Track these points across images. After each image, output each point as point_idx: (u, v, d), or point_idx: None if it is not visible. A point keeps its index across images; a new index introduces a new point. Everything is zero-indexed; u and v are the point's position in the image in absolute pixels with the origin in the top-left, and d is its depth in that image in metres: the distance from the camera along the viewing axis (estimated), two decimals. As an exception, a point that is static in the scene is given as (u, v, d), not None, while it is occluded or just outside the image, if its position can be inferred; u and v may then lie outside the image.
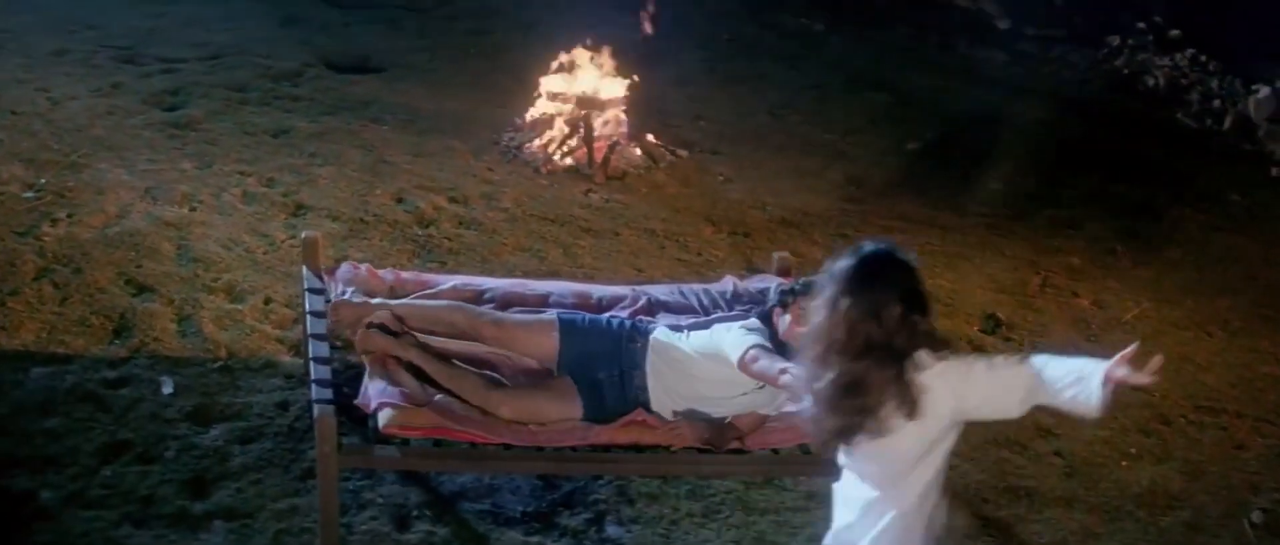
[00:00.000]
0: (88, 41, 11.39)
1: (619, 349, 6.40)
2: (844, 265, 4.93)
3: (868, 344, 4.85)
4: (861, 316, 4.85)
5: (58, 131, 9.65)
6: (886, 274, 4.96)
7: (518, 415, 6.20)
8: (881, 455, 5.07)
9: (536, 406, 6.26)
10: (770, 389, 6.26)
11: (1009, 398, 4.96)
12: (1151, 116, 13.65)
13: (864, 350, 4.86)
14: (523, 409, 6.23)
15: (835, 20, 15.55)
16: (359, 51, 12.30)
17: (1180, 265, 10.21)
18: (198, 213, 8.82)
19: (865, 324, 4.85)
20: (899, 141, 12.04)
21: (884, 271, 4.96)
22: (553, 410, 6.26)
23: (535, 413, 6.24)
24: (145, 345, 7.40)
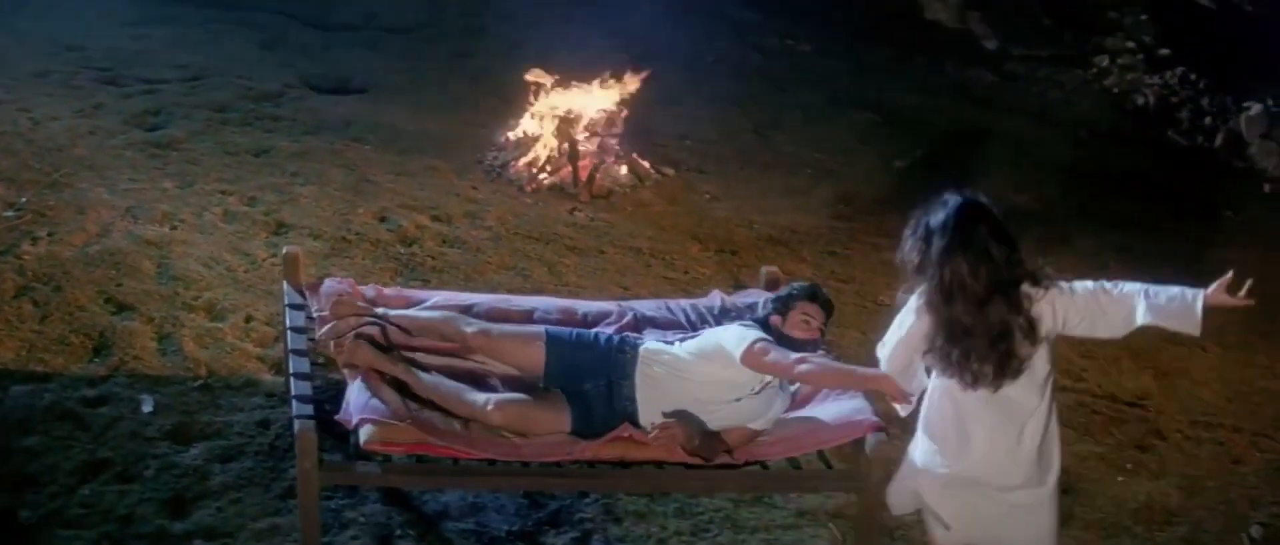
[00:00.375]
0: (69, 63, 11.26)
1: (607, 360, 6.31)
2: (941, 219, 5.36)
3: (993, 284, 5.33)
4: (979, 259, 5.31)
5: (39, 151, 9.53)
6: (985, 217, 5.44)
7: (507, 420, 6.12)
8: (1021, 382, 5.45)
9: (526, 413, 6.17)
10: (766, 394, 6.18)
11: (1112, 320, 5.60)
12: (1142, 134, 13.60)
13: (991, 291, 5.32)
14: (512, 414, 6.14)
15: (821, 41, 15.46)
16: (340, 73, 12.19)
17: (1174, 280, 10.05)
18: (178, 231, 8.71)
19: (986, 266, 5.32)
20: (887, 159, 11.96)
21: (982, 215, 5.44)
22: (542, 419, 6.18)
23: (525, 420, 6.16)
24: (125, 363, 7.30)
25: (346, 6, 14.00)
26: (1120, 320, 5.62)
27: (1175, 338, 9.19)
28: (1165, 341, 9.16)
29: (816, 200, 10.86)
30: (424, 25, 13.97)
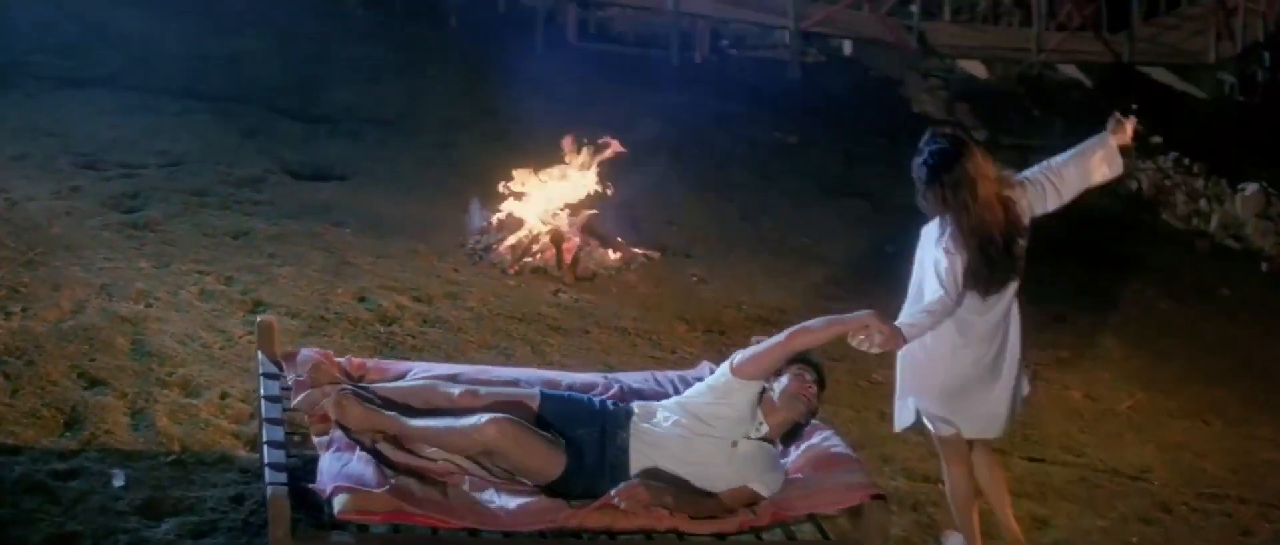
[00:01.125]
0: (48, 147, 11.11)
1: (601, 413, 6.19)
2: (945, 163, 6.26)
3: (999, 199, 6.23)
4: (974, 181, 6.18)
5: (15, 229, 9.33)
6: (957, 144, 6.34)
7: (501, 437, 5.96)
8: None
9: (522, 435, 6.00)
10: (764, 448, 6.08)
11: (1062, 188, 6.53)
12: (1136, 218, 13.49)
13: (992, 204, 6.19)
14: (509, 433, 5.97)
15: (808, 133, 15.40)
16: (321, 161, 12.07)
17: (1173, 356, 9.96)
18: (154, 309, 8.48)
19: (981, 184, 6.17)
20: (877, 244, 11.80)
21: (956, 146, 6.33)
22: (536, 448, 6.01)
23: (520, 443, 5.98)
24: (96, 438, 7.03)
25: (326, 99, 13.93)
26: (1069, 185, 6.57)
27: (1175, 412, 9.13)
28: (1167, 414, 9.02)
29: (805, 282, 10.69)
30: (405, 117, 13.90)
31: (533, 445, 6.07)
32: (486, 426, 6.01)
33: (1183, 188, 13.81)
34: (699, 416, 6.15)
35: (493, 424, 6.02)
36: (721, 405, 6.13)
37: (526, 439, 6.06)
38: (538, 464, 6.01)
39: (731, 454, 6.03)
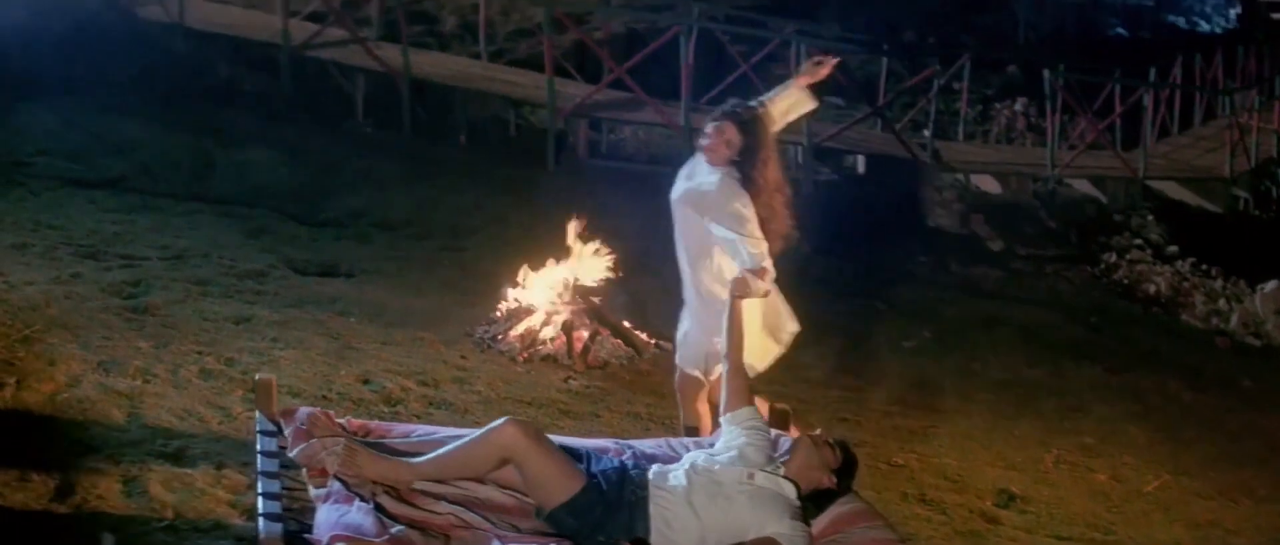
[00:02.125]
0: (49, 239, 10.95)
1: (619, 465, 5.98)
2: (741, 111, 6.84)
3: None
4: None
5: (11, 309, 9.12)
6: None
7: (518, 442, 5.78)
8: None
9: (541, 445, 5.81)
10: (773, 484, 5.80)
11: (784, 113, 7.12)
12: (1155, 319, 13.27)
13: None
14: (530, 435, 5.81)
15: (821, 242, 15.20)
16: (327, 259, 11.90)
17: (1197, 443, 9.71)
18: (152, 385, 8.25)
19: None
20: (895, 341, 11.61)
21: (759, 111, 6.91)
22: (554, 461, 5.80)
23: (539, 453, 5.78)
24: (88, 502, 6.77)
25: (334, 205, 13.79)
26: (779, 114, 7.08)
27: (1203, 492, 8.86)
28: (1194, 495, 8.76)
29: (822, 373, 10.46)
30: (412, 223, 13.77)
31: (553, 454, 5.86)
32: (505, 427, 5.82)
33: (1201, 289, 13.66)
34: (713, 465, 5.90)
35: (512, 424, 5.82)
36: (730, 451, 5.94)
37: (547, 446, 5.85)
38: (556, 475, 5.76)
39: (751, 490, 5.76)
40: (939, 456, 8.83)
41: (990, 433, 9.46)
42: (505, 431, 5.80)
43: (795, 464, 5.94)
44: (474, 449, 5.88)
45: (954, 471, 8.65)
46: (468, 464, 5.89)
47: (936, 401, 10.02)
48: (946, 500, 8.16)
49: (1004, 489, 8.45)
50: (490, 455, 5.86)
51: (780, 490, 5.82)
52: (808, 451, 5.96)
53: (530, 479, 5.83)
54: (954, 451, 9.02)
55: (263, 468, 6.03)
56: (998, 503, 8.31)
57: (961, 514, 8.03)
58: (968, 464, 8.84)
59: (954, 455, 8.96)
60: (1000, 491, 8.42)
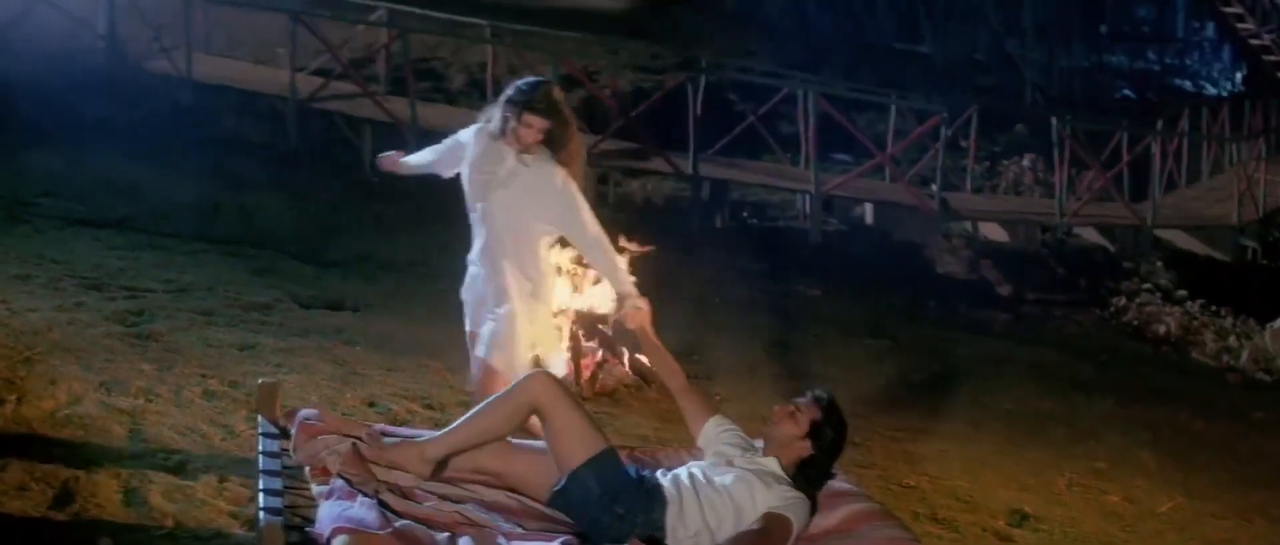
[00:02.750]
0: (53, 272, 10.88)
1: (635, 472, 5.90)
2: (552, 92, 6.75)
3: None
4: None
5: (12, 333, 9.05)
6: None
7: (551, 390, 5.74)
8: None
9: (572, 400, 5.79)
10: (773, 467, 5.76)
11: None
12: (1165, 358, 13.18)
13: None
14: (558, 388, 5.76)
15: (831, 288, 15.17)
16: (333, 296, 11.84)
17: (1209, 468, 9.64)
18: (154, 404, 8.16)
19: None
20: (903, 376, 11.52)
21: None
22: (582, 420, 5.75)
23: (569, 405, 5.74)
24: (86, 511, 6.68)
25: (340, 247, 13.76)
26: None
27: (1217, 513, 8.76)
28: (1208, 515, 8.66)
29: (834, 403, 10.34)
30: (418, 264, 13.73)
31: (581, 412, 5.80)
32: (535, 376, 5.79)
33: (1211, 328, 13.59)
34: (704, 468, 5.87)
35: (542, 375, 5.78)
36: (714, 457, 5.96)
37: (577, 404, 5.81)
38: (583, 430, 5.71)
39: (737, 474, 5.72)
40: (950, 479, 8.73)
41: (1001, 457, 9.36)
42: (535, 381, 5.76)
43: (771, 443, 5.88)
44: (501, 405, 5.82)
45: (965, 493, 8.54)
46: (496, 421, 5.82)
47: (947, 429, 9.92)
48: (959, 519, 8.05)
49: (1016, 509, 8.34)
50: (520, 407, 5.79)
51: (763, 467, 5.76)
52: (775, 427, 5.90)
53: (556, 432, 5.73)
54: (965, 474, 8.91)
55: (264, 467, 5.94)
56: (1010, 522, 8.19)
57: (974, 532, 7.92)
58: (979, 486, 8.74)
59: (965, 478, 8.86)
60: (1013, 511, 8.31)
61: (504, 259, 7.01)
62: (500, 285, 7.06)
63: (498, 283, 7.08)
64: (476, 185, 6.96)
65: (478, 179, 6.94)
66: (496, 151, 6.83)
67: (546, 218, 6.83)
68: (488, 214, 6.98)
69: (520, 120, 6.65)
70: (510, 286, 7.03)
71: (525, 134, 6.68)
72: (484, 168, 6.90)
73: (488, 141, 6.85)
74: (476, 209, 7.05)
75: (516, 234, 6.93)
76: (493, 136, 6.81)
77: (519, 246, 6.95)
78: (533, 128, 6.66)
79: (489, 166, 6.89)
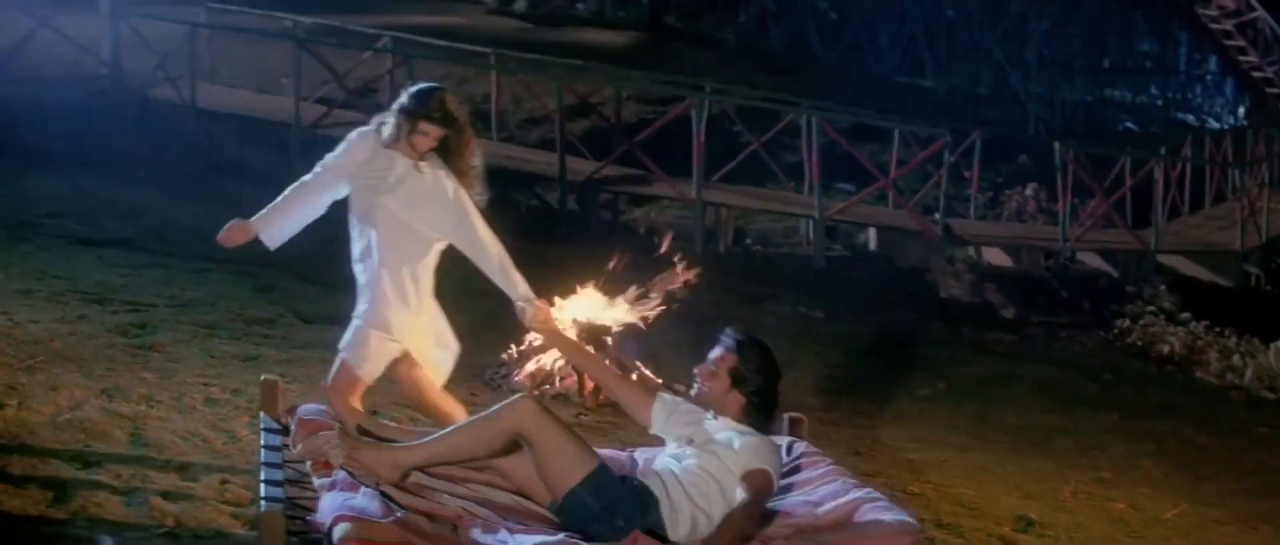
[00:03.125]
0: (56, 287, 10.88)
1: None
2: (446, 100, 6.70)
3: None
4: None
5: (14, 342, 9.07)
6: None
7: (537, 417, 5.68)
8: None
9: (560, 425, 5.75)
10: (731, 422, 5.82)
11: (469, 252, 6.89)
12: (1169, 377, 13.15)
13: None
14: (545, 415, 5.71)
15: (835, 311, 15.13)
16: (336, 313, 11.73)
17: (1214, 478, 9.63)
18: (156, 409, 8.16)
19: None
20: (907, 391, 11.48)
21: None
22: (571, 442, 5.71)
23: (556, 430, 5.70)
24: (86, 509, 6.66)
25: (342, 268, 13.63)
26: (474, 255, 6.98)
27: (1222, 519, 8.73)
28: (1212, 522, 8.63)
29: (836, 414, 10.35)
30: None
31: (568, 431, 5.78)
32: (521, 402, 5.72)
33: (1215, 347, 13.59)
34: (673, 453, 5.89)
35: (528, 400, 5.72)
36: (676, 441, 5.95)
37: (562, 426, 5.77)
38: (572, 452, 5.67)
39: (711, 449, 5.72)
40: (955, 487, 8.70)
41: (1005, 466, 9.32)
42: (520, 407, 5.70)
43: (710, 406, 5.91)
44: (485, 426, 5.77)
45: (970, 500, 8.51)
46: (477, 443, 5.78)
47: (950, 440, 9.89)
48: (964, 525, 8.02)
49: (1022, 515, 8.30)
50: (502, 432, 5.74)
51: (718, 433, 5.79)
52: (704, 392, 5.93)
53: (544, 458, 5.70)
54: (969, 483, 8.88)
55: (266, 460, 5.93)
56: (1016, 528, 8.15)
57: (980, 538, 7.89)
58: (984, 493, 8.70)
59: (970, 486, 8.82)
60: (1018, 517, 8.27)
61: (383, 267, 6.93)
62: (375, 289, 7.02)
63: (373, 286, 7.03)
64: (364, 190, 6.82)
65: (365, 184, 6.80)
66: (386, 158, 6.74)
67: (436, 226, 6.79)
68: (372, 219, 6.85)
69: (415, 129, 6.61)
70: (386, 291, 6.98)
71: (420, 142, 6.64)
72: (372, 173, 6.78)
73: (377, 147, 6.75)
74: (360, 214, 6.90)
75: (401, 240, 6.85)
76: (385, 144, 6.71)
77: (402, 253, 6.88)
78: (428, 136, 6.63)
79: (378, 172, 6.77)
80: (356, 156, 6.80)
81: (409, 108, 6.66)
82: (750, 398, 5.84)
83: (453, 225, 6.77)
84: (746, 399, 5.83)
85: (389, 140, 6.69)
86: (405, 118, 6.63)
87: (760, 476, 5.63)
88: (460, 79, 24.19)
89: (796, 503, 6.20)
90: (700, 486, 5.65)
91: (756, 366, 5.87)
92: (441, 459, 5.77)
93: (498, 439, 5.75)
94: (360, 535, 5.25)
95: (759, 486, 5.62)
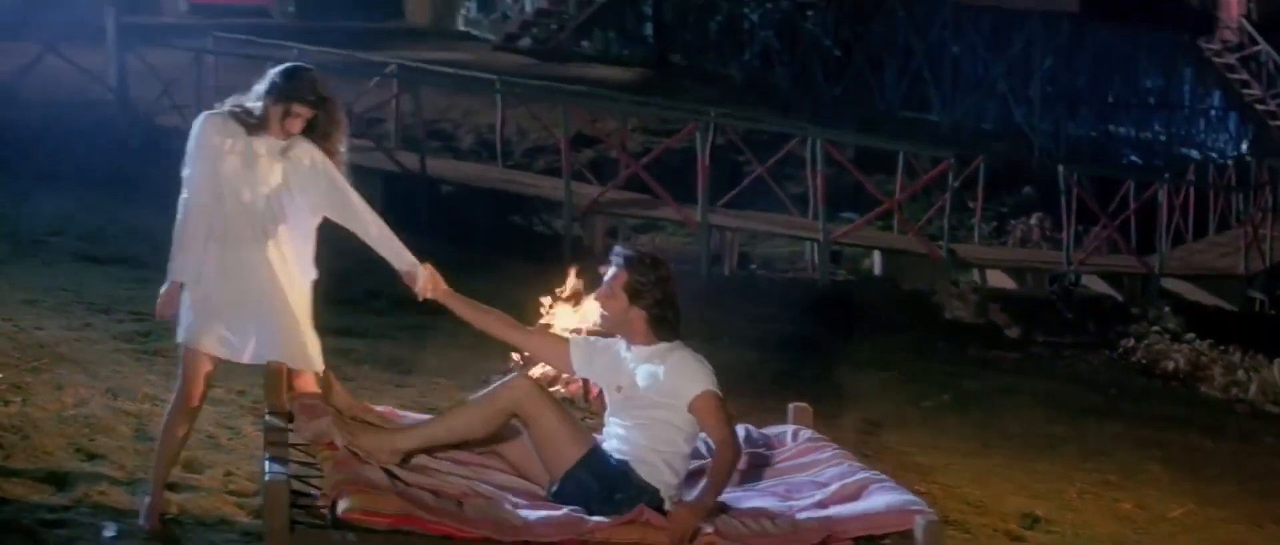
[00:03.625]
0: (62, 298, 10.93)
1: None
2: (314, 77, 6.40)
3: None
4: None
5: (20, 346, 9.09)
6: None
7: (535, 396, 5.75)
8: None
9: (557, 404, 5.81)
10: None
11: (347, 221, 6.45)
12: (1173, 392, 13.16)
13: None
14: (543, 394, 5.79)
15: (839, 330, 15.14)
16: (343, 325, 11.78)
17: (1219, 480, 9.65)
18: (160, 408, 8.08)
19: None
20: (911, 401, 11.49)
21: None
22: (567, 424, 5.76)
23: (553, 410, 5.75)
24: (89, 497, 6.67)
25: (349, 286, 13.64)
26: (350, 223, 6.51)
27: (1228, 519, 8.73)
28: (1219, 521, 8.64)
29: (842, 423, 10.32)
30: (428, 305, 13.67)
31: (563, 413, 5.81)
32: (519, 381, 5.73)
33: (1220, 362, 13.60)
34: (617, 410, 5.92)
35: (525, 378, 5.74)
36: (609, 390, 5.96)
37: (558, 406, 5.80)
38: (569, 432, 5.71)
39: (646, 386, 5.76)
40: (961, 487, 8.70)
41: (1011, 469, 9.33)
42: (517, 386, 5.72)
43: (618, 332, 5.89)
44: (483, 407, 5.79)
45: (976, 499, 8.51)
46: (474, 423, 5.80)
47: (956, 446, 9.91)
48: (970, 522, 8.02)
49: (1028, 513, 8.30)
50: (500, 412, 5.76)
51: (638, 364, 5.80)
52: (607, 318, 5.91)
53: (543, 438, 5.72)
54: (975, 484, 8.88)
55: (270, 439, 5.93)
56: (1022, 524, 8.16)
57: (986, 533, 7.89)
58: (990, 493, 8.70)
59: (976, 487, 8.82)
60: (1024, 515, 8.27)
61: (261, 250, 6.48)
62: (261, 279, 6.52)
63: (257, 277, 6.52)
64: (231, 175, 6.39)
65: (232, 169, 6.40)
66: (250, 141, 6.41)
67: (315, 204, 6.47)
68: (243, 207, 6.43)
69: (289, 110, 6.35)
70: (276, 277, 6.53)
71: (292, 124, 6.37)
72: (238, 156, 6.41)
73: (235, 130, 6.39)
74: (230, 197, 6.41)
75: (281, 223, 6.48)
76: (251, 128, 6.38)
77: (286, 234, 6.52)
78: (299, 117, 6.37)
79: (244, 155, 6.41)
80: (215, 142, 6.40)
81: (281, 89, 6.37)
82: (651, 311, 5.77)
83: (330, 200, 6.47)
84: (648, 313, 5.77)
85: (257, 122, 6.35)
86: (276, 98, 6.34)
87: (706, 401, 5.70)
88: (466, 110, 24.33)
89: (804, 483, 6.23)
90: (656, 431, 5.73)
91: (651, 278, 5.79)
92: (439, 441, 5.79)
93: (495, 419, 5.76)
94: (364, 506, 5.28)
95: (713, 413, 5.72)
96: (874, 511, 5.84)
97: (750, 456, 6.50)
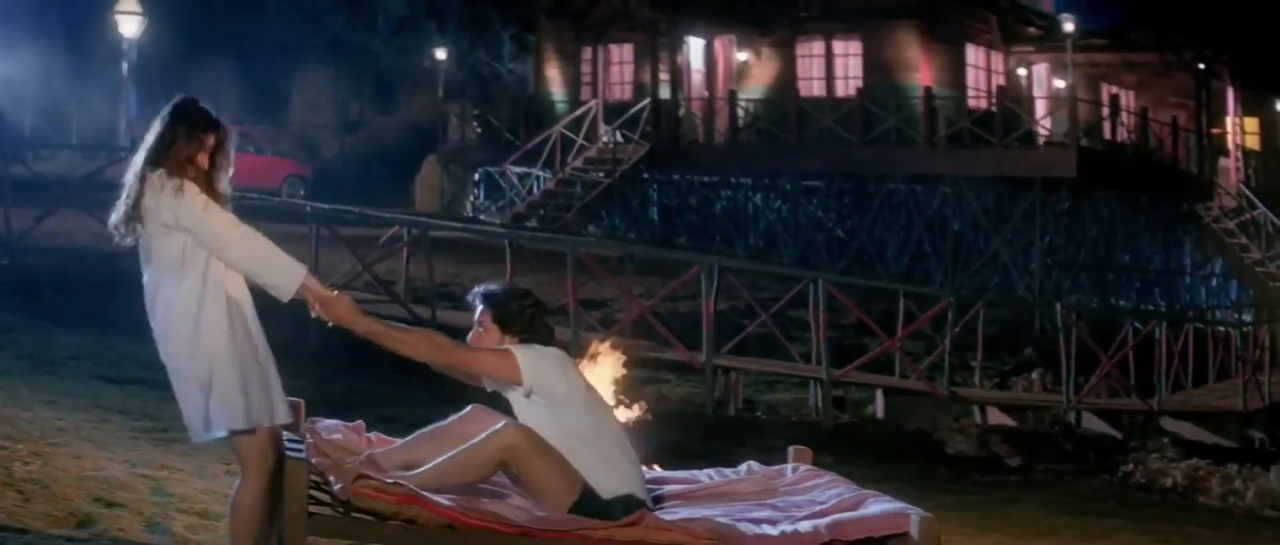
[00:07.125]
0: (80, 403, 11.05)
1: None
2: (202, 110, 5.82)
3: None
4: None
5: (39, 427, 9.38)
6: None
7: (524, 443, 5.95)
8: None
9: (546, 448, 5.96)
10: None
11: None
12: (1172, 504, 13.30)
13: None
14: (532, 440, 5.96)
15: (844, 461, 15.25)
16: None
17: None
18: (178, 475, 8.43)
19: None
20: (913, 502, 11.55)
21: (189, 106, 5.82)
22: (557, 466, 5.94)
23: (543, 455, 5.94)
24: (108, 532, 6.88)
25: (359, 413, 13.94)
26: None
27: None
28: None
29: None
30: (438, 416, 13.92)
31: (554, 457, 5.95)
32: (508, 429, 5.92)
33: (1217, 475, 13.76)
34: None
35: (514, 427, 5.92)
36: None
37: (546, 450, 5.96)
38: (559, 479, 5.93)
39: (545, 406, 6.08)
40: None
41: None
42: (507, 434, 5.93)
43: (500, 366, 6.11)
44: (474, 453, 5.99)
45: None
46: (467, 470, 6.00)
47: (955, 530, 10.05)
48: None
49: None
50: (490, 460, 5.99)
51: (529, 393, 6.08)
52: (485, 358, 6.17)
53: (532, 484, 5.96)
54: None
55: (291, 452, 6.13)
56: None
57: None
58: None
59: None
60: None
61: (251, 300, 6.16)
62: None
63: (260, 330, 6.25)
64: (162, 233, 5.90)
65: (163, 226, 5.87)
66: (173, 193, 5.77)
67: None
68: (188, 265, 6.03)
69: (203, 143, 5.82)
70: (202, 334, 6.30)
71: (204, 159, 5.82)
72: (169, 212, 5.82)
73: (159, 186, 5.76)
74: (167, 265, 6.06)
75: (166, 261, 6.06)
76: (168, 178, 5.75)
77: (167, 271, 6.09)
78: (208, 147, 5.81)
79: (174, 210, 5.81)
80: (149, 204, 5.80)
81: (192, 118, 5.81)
82: (522, 337, 6.10)
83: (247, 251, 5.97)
84: (519, 339, 6.10)
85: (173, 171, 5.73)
86: (189, 131, 5.76)
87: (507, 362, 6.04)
88: (475, 276, 24.68)
89: (804, 502, 6.46)
90: (596, 439, 6.06)
91: (514, 306, 6.13)
92: (431, 488, 5.92)
93: (487, 466, 6.01)
94: (373, 488, 5.54)
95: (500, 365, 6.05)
96: (871, 515, 6.07)
97: (752, 483, 6.74)
